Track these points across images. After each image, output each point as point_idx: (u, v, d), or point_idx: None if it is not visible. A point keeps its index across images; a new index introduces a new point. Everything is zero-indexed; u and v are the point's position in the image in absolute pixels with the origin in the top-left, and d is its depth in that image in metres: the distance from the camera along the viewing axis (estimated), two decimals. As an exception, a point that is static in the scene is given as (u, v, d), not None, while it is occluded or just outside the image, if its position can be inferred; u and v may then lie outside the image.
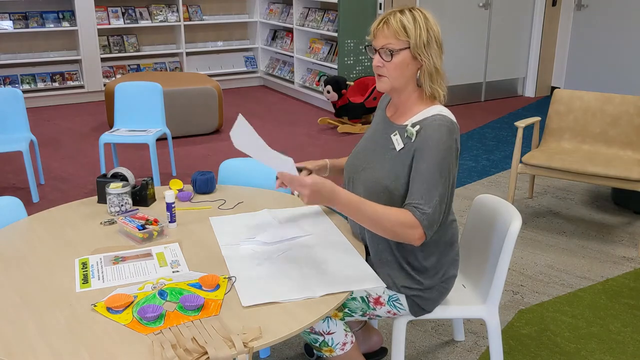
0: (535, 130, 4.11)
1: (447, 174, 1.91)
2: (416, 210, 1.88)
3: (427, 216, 1.88)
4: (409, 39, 1.91)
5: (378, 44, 1.95)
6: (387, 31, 1.93)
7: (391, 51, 1.92)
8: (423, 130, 1.93)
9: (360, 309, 2.09)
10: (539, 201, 4.36)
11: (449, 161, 1.92)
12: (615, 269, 3.42)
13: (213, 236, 2.13)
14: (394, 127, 2.03)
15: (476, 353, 2.68)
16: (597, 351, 2.70)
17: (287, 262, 1.93)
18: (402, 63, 1.94)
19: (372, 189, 2.00)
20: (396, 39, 1.91)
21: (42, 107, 6.92)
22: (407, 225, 1.87)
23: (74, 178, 4.77)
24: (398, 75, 1.95)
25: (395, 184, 1.96)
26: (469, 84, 7.09)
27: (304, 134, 5.92)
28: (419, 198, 1.89)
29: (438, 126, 1.91)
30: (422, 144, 1.92)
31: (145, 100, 4.52)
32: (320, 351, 2.05)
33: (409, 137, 1.96)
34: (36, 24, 6.74)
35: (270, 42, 7.87)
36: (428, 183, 1.89)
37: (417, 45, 1.91)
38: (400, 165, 1.96)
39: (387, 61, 1.94)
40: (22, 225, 2.22)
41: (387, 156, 2.01)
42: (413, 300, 2.08)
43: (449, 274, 2.11)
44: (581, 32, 7.06)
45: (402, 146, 1.97)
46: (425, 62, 1.94)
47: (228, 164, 2.72)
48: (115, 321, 1.64)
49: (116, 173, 2.47)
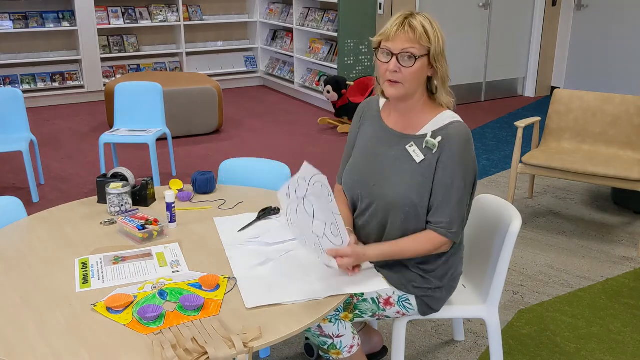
0: (535, 130, 4.11)
1: (471, 183, 1.95)
2: (446, 232, 1.93)
3: (456, 233, 1.94)
4: (430, 45, 1.86)
5: (397, 48, 1.85)
6: (412, 35, 1.83)
7: (414, 56, 1.84)
8: (446, 141, 1.90)
9: (370, 310, 2.07)
10: (539, 201, 4.36)
11: (472, 171, 1.94)
12: (615, 269, 3.42)
13: (213, 236, 2.13)
14: (408, 138, 1.97)
15: (476, 353, 2.68)
16: (597, 351, 2.70)
17: (292, 264, 1.93)
18: (420, 69, 1.88)
19: (394, 204, 1.94)
20: (419, 44, 1.84)
21: (42, 107, 6.92)
22: (437, 246, 1.95)
23: (74, 178, 4.77)
24: (414, 81, 1.89)
25: (420, 197, 1.92)
26: (469, 84, 7.09)
27: (304, 134, 5.92)
28: (447, 218, 1.92)
29: (459, 136, 1.91)
30: (446, 158, 1.90)
31: (145, 100, 4.51)
32: (328, 353, 2.04)
33: (430, 148, 1.92)
34: (36, 24, 6.74)
35: (270, 42, 7.87)
36: (455, 201, 1.91)
37: (436, 52, 1.87)
38: (421, 177, 1.92)
39: (406, 67, 1.85)
40: (22, 225, 2.22)
41: (405, 168, 1.95)
42: (423, 300, 2.08)
43: (456, 272, 2.12)
44: (581, 32, 7.06)
45: (423, 157, 1.93)
46: (440, 70, 1.90)
47: (228, 164, 2.72)
48: (115, 321, 1.64)
49: (116, 173, 2.47)
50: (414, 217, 1.94)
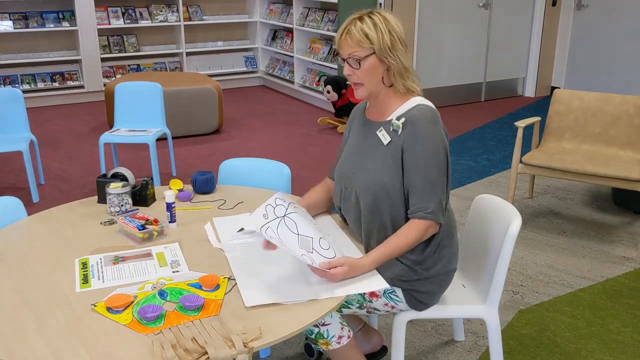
0: (535, 130, 4.11)
1: (443, 162, 1.99)
2: (424, 215, 1.97)
3: (433, 212, 1.97)
4: (373, 45, 1.96)
5: (344, 54, 2.00)
6: (351, 41, 1.97)
7: (358, 59, 1.97)
8: (409, 123, 1.98)
9: (356, 300, 2.11)
10: (539, 201, 4.36)
11: (442, 149, 1.99)
12: (615, 269, 3.42)
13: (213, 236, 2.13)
14: (378, 124, 2.07)
15: (476, 353, 2.68)
16: (597, 351, 2.70)
17: (291, 263, 1.93)
18: (370, 68, 1.99)
19: (367, 190, 2.02)
20: (360, 47, 1.97)
21: (42, 107, 6.92)
22: (422, 232, 1.99)
23: (74, 178, 4.77)
24: (370, 79, 2.00)
25: (390, 179, 1.99)
26: (469, 84, 7.08)
27: (304, 134, 5.92)
28: (422, 200, 1.97)
29: (422, 117, 1.97)
30: (411, 139, 1.97)
31: (145, 100, 4.52)
32: (317, 344, 2.05)
33: (395, 130, 2.00)
34: (36, 24, 6.74)
35: (270, 42, 7.87)
36: (427, 180, 1.96)
37: (381, 49, 1.97)
38: (391, 160, 2.00)
39: (355, 69, 1.99)
40: (22, 225, 2.22)
41: (376, 153, 2.04)
42: (410, 293, 2.09)
43: (448, 267, 2.12)
44: (581, 32, 7.06)
45: (390, 139, 2.01)
46: (393, 64, 1.99)
47: (228, 164, 2.72)
48: (115, 321, 1.64)
49: (116, 173, 2.47)
50: (385, 198, 2.00)
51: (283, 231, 1.79)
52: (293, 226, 1.80)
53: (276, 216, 1.80)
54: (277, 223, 1.79)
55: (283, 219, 1.80)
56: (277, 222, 1.79)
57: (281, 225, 1.79)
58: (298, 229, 1.80)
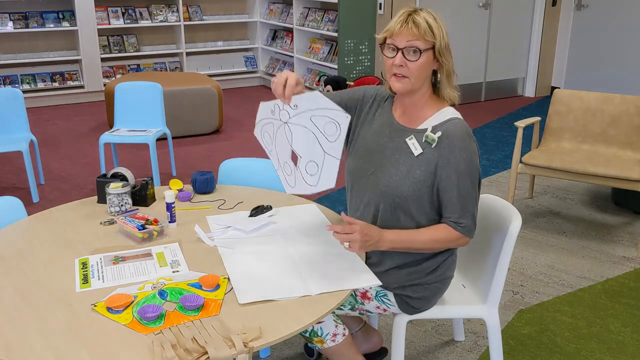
0: (535, 130, 4.11)
1: (476, 178, 1.97)
2: (456, 226, 1.96)
3: (467, 227, 1.96)
4: (435, 40, 1.91)
5: (402, 43, 1.90)
6: (416, 30, 1.88)
7: (419, 50, 1.89)
8: (445, 137, 1.93)
9: (348, 302, 2.10)
10: (539, 201, 4.36)
11: (476, 164, 1.96)
12: (615, 269, 3.42)
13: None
14: (408, 131, 2.00)
15: (476, 353, 2.68)
16: (597, 351, 2.70)
17: (284, 261, 1.94)
18: (426, 63, 1.92)
19: (385, 193, 1.98)
20: (423, 39, 1.89)
21: (42, 107, 6.92)
22: (452, 240, 1.97)
23: (74, 178, 4.77)
24: (419, 74, 1.93)
25: (413, 190, 1.95)
26: (469, 84, 7.08)
27: (304, 134, 5.91)
28: (457, 213, 1.95)
29: (458, 132, 1.92)
30: (447, 155, 1.92)
31: (145, 100, 4.52)
32: (312, 342, 2.05)
33: (429, 142, 1.95)
34: (36, 24, 6.74)
35: (270, 42, 7.87)
36: (463, 196, 1.94)
37: (441, 47, 1.92)
38: (418, 171, 1.95)
39: (412, 61, 1.90)
40: (22, 225, 2.22)
41: (402, 161, 1.98)
42: (402, 298, 2.09)
43: (446, 274, 2.11)
44: (581, 32, 7.06)
45: (421, 151, 1.95)
46: (446, 64, 1.95)
47: (228, 164, 2.72)
48: (115, 321, 1.64)
49: (116, 173, 2.47)
50: (403, 209, 1.97)
51: (280, 135, 1.78)
52: (290, 136, 1.78)
53: (280, 119, 1.79)
54: (279, 125, 1.79)
55: (285, 125, 1.78)
56: (279, 124, 1.79)
57: (281, 130, 1.78)
58: (293, 141, 1.79)
